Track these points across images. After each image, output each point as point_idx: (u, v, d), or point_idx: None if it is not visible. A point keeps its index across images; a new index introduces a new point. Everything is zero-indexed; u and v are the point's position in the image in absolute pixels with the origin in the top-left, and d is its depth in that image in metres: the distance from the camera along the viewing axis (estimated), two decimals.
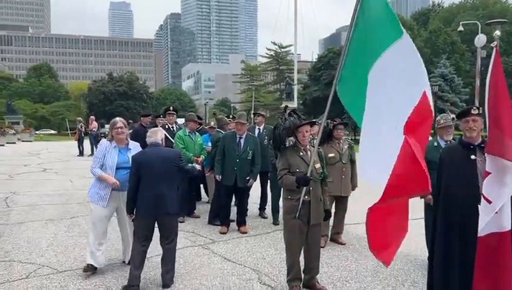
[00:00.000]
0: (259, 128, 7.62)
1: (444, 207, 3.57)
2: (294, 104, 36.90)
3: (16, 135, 31.69)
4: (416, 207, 7.34)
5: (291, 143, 4.45)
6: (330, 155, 5.79)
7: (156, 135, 4.62)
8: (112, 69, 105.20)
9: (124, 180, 4.59)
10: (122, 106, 65.08)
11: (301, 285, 4.35)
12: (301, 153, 4.31)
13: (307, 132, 4.32)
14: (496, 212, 3.18)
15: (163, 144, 4.77)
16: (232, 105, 79.08)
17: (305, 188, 4.12)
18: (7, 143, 28.24)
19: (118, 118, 4.83)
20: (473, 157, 3.52)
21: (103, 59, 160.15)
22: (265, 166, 7.20)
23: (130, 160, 4.52)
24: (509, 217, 3.23)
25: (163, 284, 4.39)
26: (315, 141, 4.34)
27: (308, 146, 4.39)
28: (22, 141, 32.79)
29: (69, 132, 50.81)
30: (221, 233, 6.54)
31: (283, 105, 35.99)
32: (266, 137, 7.42)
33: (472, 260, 3.34)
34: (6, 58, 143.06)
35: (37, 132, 46.16)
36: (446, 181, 3.58)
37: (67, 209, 8.11)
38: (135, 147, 4.89)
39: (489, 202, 3.22)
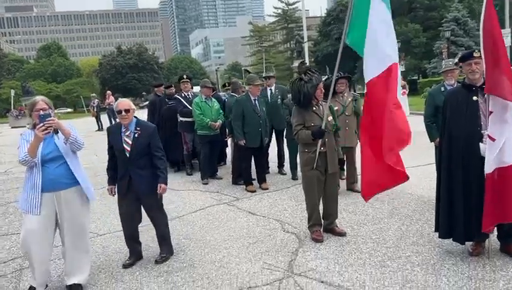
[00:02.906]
0: (271, 89, 7.83)
1: (448, 145, 3.84)
2: (305, 63, 36.62)
3: None
4: (429, 152, 7.61)
5: None
6: (335, 108, 6.05)
7: None
8: (120, 42, 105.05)
9: (58, 175, 3.61)
10: (134, 78, 65.62)
11: (322, 230, 4.72)
12: (314, 108, 4.58)
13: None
14: (494, 140, 3.44)
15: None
16: (243, 69, 78.68)
17: (320, 140, 4.41)
18: (28, 124, 28.92)
19: (39, 97, 3.76)
20: (474, 98, 3.73)
21: (110, 32, 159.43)
22: (280, 125, 7.49)
23: (60, 146, 3.63)
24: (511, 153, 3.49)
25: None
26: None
27: (320, 101, 4.64)
28: None
29: (85, 108, 51.69)
30: (251, 191, 6.86)
31: (294, 64, 35.82)
32: (279, 97, 7.68)
33: (475, 192, 3.65)
34: (15, 40, 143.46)
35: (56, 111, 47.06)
36: (450, 121, 3.82)
37: (97, 181, 8.58)
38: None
39: (493, 140, 3.47)
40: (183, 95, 8.41)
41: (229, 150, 8.79)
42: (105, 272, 4.18)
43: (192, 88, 8.88)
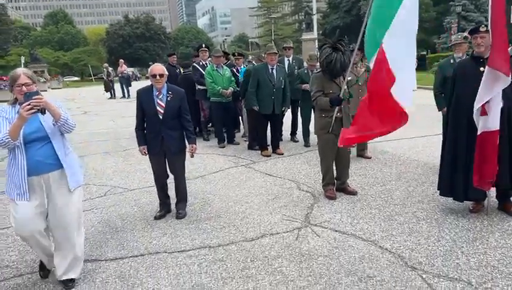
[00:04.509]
0: (288, 60, 8.14)
1: (454, 112, 4.21)
2: (314, 35, 36.53)
3: (46, 83, 32.81)
4: (434, 124, 8.00)
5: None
6: (348, 78, 6.40)
7: None
8: (126, 10, 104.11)
9: (44, 155, 3.16)
10: (141, 48, 65.43)
11: (334, 188, 5.16)
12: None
13: None
14: (486, 114, 3.84)
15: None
16: (250, 40, 78.09)
17: (337, 106, 4.80)
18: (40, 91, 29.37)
19: (19, 69, 3.21)
20: (481, 69, 4.07)
21: (116, 1, 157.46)
22: (296, 94, 7.85)
23: (46, 125, 3.18)
24: (497, 119, 3.87)
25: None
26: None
27: None
28: (52, 89, 34.01)
29: (92, 77, 51.91)
30: (266, 156, 7.29)
31: (303, 37, 35.71)
32: (296, 67, 8.01)
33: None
34: (20, 6, 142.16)
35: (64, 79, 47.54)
36: (457, 90, 4.19)
37: (118, 144, 9.05)
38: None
39: (484, 106, 3.88)
40: (201, 63, 8.75)
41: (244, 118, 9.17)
42: (140, 220, 4.65)
43: (208, 57, 9.20)
